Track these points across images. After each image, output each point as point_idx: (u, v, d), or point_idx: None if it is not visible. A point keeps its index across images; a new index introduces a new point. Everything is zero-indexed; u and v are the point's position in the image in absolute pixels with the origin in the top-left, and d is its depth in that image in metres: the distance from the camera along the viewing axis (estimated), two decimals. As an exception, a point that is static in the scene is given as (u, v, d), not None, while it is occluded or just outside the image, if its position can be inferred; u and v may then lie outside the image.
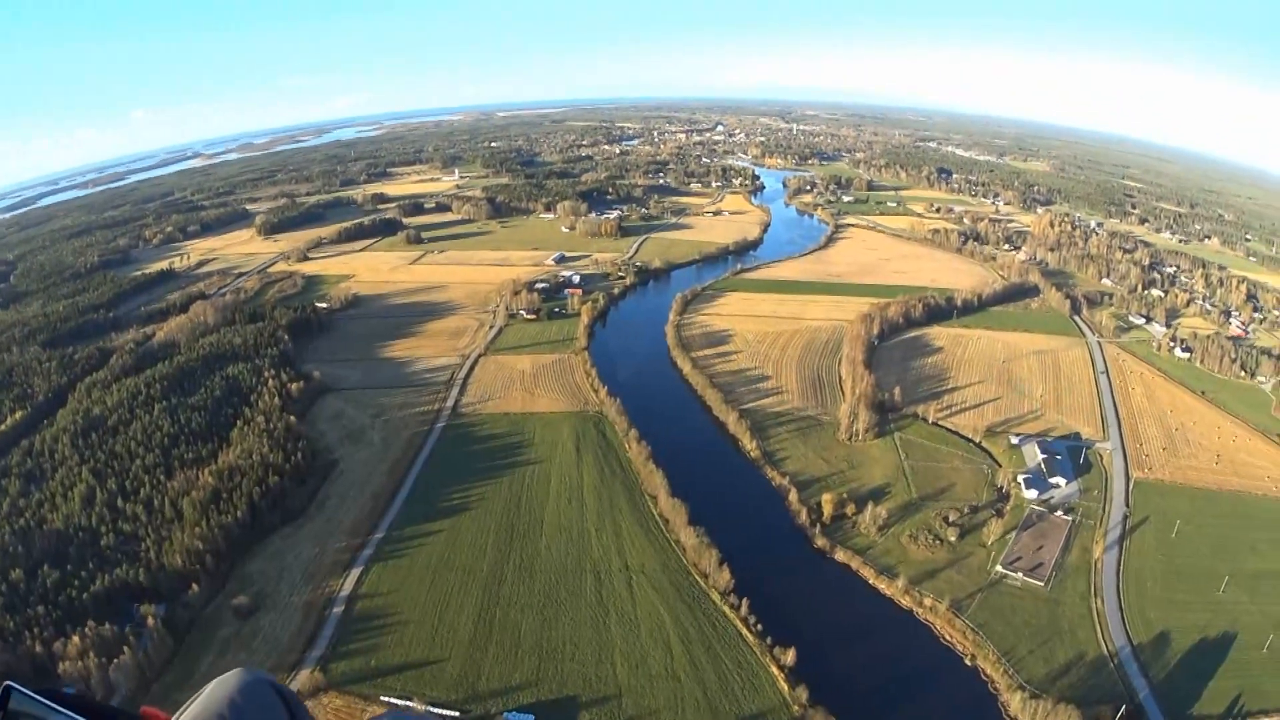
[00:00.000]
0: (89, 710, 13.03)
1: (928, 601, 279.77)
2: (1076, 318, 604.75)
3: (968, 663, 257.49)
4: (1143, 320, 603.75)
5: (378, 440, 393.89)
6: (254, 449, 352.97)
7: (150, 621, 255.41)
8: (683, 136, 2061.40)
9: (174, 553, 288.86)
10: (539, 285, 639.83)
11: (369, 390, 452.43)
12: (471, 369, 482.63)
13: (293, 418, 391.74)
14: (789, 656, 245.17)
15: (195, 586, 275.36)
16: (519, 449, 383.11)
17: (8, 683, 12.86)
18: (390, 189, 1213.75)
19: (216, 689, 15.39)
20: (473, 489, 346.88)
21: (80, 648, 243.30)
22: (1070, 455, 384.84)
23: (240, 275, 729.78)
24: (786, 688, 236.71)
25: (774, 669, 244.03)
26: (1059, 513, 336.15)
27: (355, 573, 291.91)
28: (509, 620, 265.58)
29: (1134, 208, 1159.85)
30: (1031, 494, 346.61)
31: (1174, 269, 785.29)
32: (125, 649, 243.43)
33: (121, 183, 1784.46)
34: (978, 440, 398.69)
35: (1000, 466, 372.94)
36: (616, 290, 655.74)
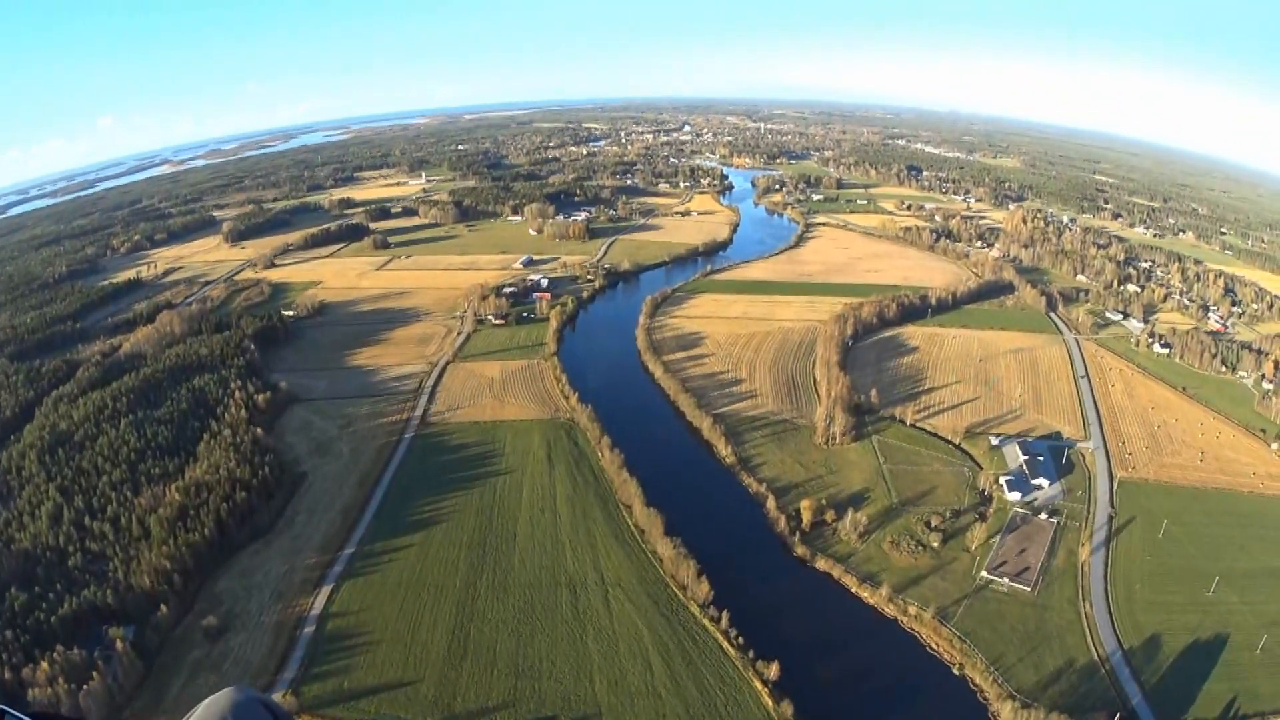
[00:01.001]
0: None
1: (912, 610, 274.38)
2: (1053, 315, 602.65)
3: (956, 672, 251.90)
4: (1120, 316, 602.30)
5: (346, 452, 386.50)
6: (221, 463, 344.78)
7: (119, 645, 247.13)
8: (650, 137, 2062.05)
9: (141, 573, 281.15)
10: (507, 290, 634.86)
11: (337, 400, 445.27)
12: (440, 377, 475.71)
13: (259, 430, 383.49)
14: (772, 670, 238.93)
15: (164, 608, 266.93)
16: (490, 459, 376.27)
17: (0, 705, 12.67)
18: (357, 193, 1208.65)
19: (209, 708, 15.80)
20: (444, 501, 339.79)
21: (49, 674, 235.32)
22: (1052, 456, 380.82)
23: (207, 284, 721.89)
24: (771, 703, 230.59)
25: (757, 684, 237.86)
26: (1043, 515, 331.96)
27: (326, 590, 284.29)
28: (484, 638, 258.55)
29: (1106, 203, 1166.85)
30: (1014, 496, 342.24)
31: (1149, 264, 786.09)
32: (95, 674, 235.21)
33: (90, 191, 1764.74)
34: (957, 442, 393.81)
35: (981, 469, 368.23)
36: (585, 293, 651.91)
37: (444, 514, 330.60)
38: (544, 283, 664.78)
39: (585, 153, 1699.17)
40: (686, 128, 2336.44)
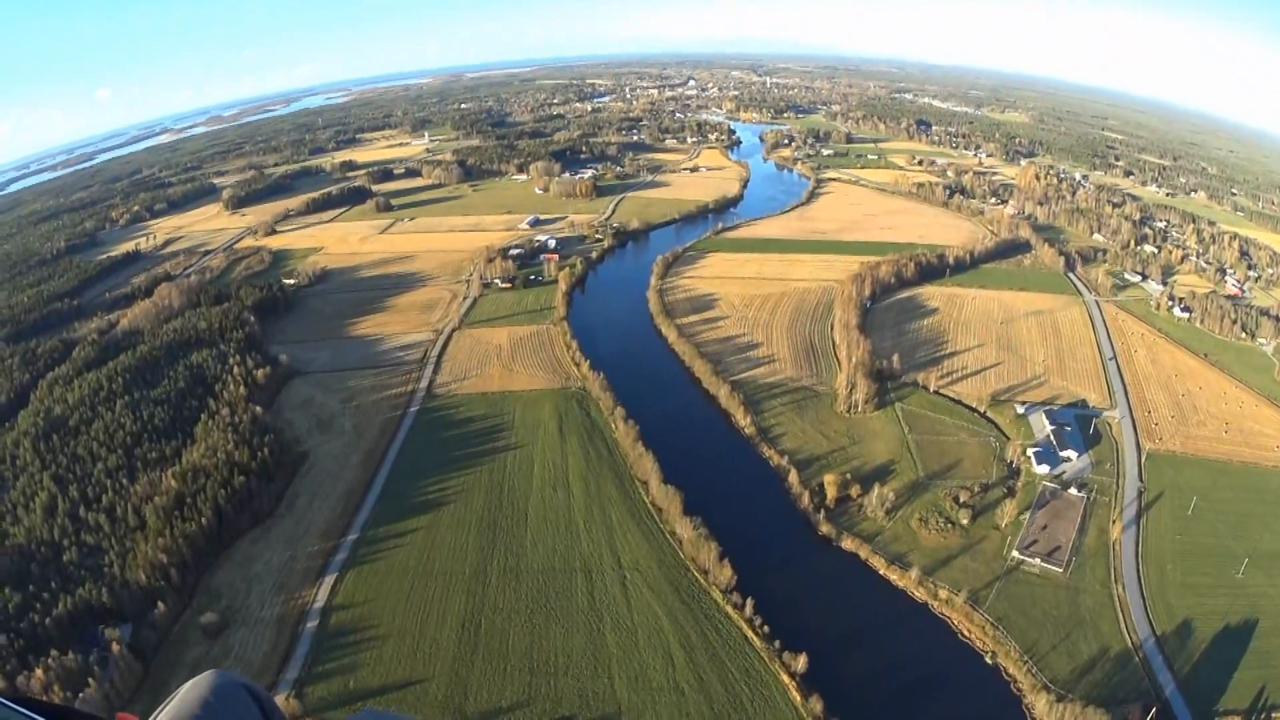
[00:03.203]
0: (65, 717, 12.92)
1: (943, 593, 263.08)
2: (1071, 275, 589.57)
3: (988, 661, 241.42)
4: (1139, 278, 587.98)
5: (349, 428, 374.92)
6: (219, 445, 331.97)
7: (115, 647, 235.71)
8: (655, 92, 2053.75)
9: (137, 567, 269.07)
10: (513, 251, 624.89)
11: (339, 372, 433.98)
12: (445, 345, 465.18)
13: (259, 408, 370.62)
14: (800, 662, 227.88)
15: (161, 605, 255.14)
16: (498, 432, 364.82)
17: None
18: (359, 156, 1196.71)
19: (190, 691, 15.19)
20: (450, 480, 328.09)
21: (44, 681, 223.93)
22: (1079, 425, 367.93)
23: (206, 253, 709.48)
24: (799, 698, 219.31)
25: (784, 677, 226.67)
26: (1072, 489, 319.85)
27: (329, 580, 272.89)
28: (495, 630, 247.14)
29: (1118, 160, 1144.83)
30: (1043, 469, 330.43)
31: (1165, 224, 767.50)
32: (90, 680, 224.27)
33: (90, 163, 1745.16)
34: (983, 410, 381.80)
35: (1008, 439, 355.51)
36: (594, 254, 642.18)
37: (451, 494, 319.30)
38: (551, 243, 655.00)
39: (590, 109, 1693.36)
40: (691, 82, 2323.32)
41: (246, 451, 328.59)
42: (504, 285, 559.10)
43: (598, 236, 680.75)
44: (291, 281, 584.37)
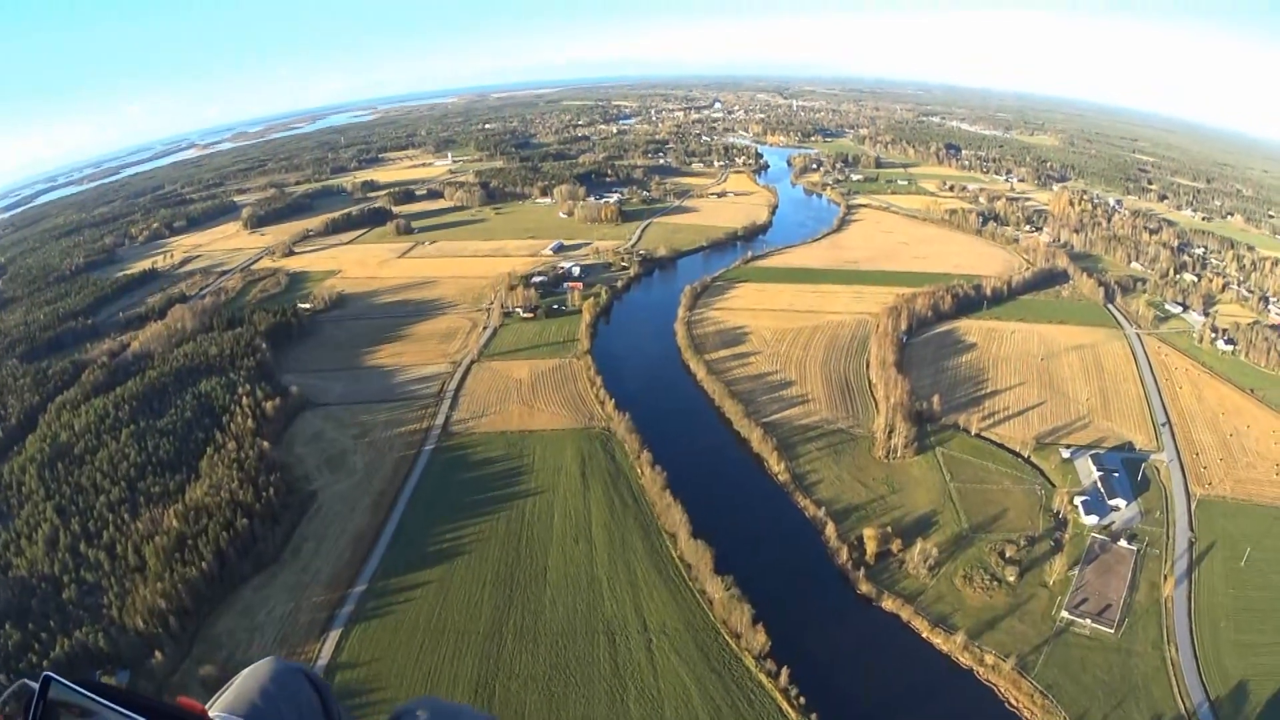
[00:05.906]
0: (128, 701, 11.87)
1: (989, 659, 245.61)
2: (1111, 306, 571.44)
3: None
4: (1180, 308, 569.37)
5: (360, 466, 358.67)
6: (223, 483, 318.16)
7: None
8: (681, 114, 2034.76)
9: (135, 612, 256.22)
10: (536, 279, 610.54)
11: (352, 405, 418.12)
12: (464, 378, 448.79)
13: (266, 443, 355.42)
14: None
15: (159, 654, 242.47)
16: (517, 476, 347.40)
17: (46, 673, 11.83)
18: (381, 175, 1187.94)
19: (248, 679, 15.17)
20: (466, 528, 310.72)
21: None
22: (1127, 471, 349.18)
23: (223, 274, 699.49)
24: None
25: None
26: (1122, 541, 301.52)
27: (334, 635, 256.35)
28: (510, 697, 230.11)
29: (1151, 183, 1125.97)
30: (1091, 519, 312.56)
31: (1203, 250, 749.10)
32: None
33: (115, 178, 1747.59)
34: (1027, 455, 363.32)
35: (1054, 487, 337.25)
36: (620, 282, 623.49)
37: (467, 543, 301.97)
38: (576, 271, 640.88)
39: (615, 131, 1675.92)
40: (717, 104, 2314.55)
41: (251, 491, 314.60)
42: (526, 315, 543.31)
43: (624, 264, 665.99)
44: (307, 306, 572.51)
